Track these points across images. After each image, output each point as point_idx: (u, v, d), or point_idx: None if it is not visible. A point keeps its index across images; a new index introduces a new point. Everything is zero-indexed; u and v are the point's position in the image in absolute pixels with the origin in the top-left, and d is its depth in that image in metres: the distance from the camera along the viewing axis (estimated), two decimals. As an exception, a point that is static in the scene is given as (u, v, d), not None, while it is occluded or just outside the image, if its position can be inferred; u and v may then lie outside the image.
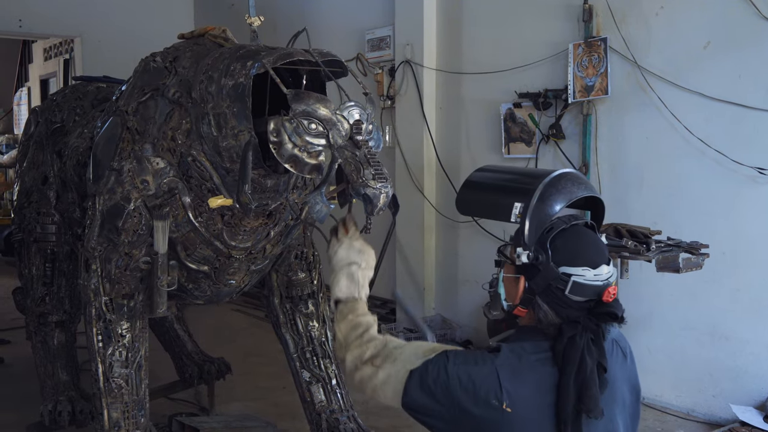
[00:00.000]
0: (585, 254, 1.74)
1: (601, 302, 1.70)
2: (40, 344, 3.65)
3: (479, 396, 1.64)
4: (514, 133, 4.99)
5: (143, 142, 2.64)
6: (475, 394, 1.65)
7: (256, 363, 5.05)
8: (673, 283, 4.10)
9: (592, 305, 1.71)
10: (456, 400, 1.66)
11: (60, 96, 3.73)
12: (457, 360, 1.70)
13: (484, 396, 1.64)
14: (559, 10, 4.67)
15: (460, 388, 1.66)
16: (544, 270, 1.73)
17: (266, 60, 2.31)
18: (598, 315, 1.69)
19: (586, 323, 1.68)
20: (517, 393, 1.64)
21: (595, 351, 1.66)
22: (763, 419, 3.74)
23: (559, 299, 1.71)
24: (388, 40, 5.84)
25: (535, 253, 1.74)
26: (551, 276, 1.72)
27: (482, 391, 1.64)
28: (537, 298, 1.74)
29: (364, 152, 2.19)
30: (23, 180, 3.68)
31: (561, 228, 1.76)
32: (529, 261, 1.75)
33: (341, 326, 1.95)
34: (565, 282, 1.70)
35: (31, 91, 11.65)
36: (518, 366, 1.67)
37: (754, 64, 3.85)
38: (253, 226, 2.68)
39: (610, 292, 1.71)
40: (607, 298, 1.70)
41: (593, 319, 1.69)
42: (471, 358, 1.70)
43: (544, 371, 1.67)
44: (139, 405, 2.74)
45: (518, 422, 1.64)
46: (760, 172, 3.82)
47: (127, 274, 2.69)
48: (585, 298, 1.71)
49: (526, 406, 1.65)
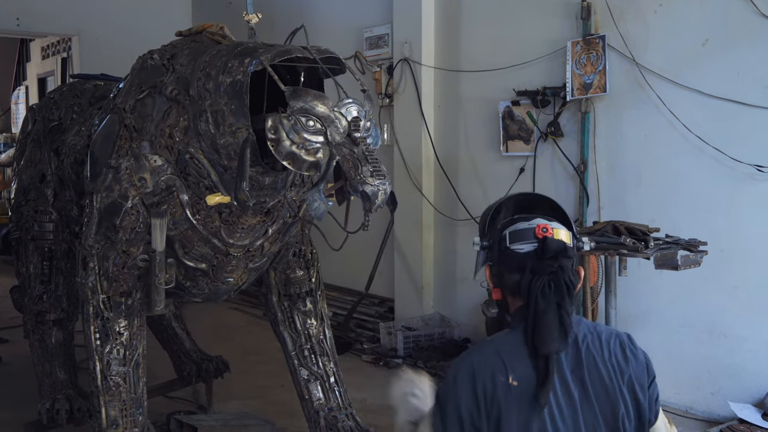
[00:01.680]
0: (510, 208, 1.88)
1: (544, 246, 1.75)
2: (37, 342, 3.65)
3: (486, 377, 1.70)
4: (513, 130, 4.99)
5: (141, 140, 2.64)
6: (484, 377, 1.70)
7: (255, 361, 5.05)
8: (672, 281, 4.10)
9: (539, 253, 1.75)
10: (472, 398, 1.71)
11: (57, 94, 3.72)
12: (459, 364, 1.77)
13: (491, 375, 1.70)
14: (558, 8, 4.67)
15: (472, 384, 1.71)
16: (491, 242, 1.84)
17: (264, 57, 2.31)
18: (545, 259, 1.74)
19: (536, 269, 1.73)
20: (519, 368, 1.70)
21: (551, 293, 1.71)
22: (761, 416, 3.74)
23: (508, 257, 1.78)
24: (387, 38, 5.83)
25: (484, 238, 1.87)
26: (496, 239, 1.82)
27: (489, 371, 1.70)
28: (502, 272, 1.81)
29: (362, 149, 2.18)
30: (21, 178, 3.67)
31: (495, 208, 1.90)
32: (485, 244, 1.86)
33: None
34: (505, 237, 1.79)
35: (29, 90, 11.64)
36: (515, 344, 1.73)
37: (752, 61, 3.85)
38: (251, 223, 2.68)
39: (541, 227, 1.77)
40: (540, 234, 1.76)
41: (544, 264, 1.73)
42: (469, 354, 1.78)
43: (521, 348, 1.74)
44: (136, 403, 2.74)
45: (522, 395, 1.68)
46: (759, 169, 3.82)
47: (124, 272, 2.69)
48: (526, 243, 1.77)
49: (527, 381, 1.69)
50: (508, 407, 1.68)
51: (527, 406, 1.68)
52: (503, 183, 5.03)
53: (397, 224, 5.51)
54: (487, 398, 1.70)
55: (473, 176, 5.32)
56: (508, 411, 1.68)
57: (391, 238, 5.58)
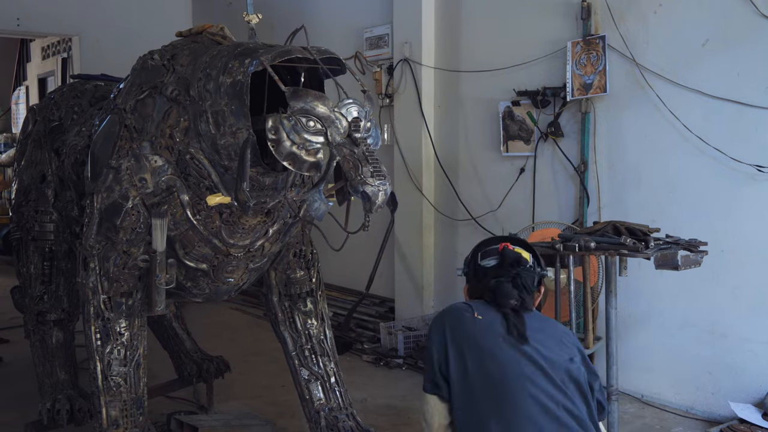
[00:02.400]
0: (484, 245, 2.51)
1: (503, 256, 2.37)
2: (38, 343, 3.65)
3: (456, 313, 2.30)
4: (513, 131, 4.99)
5: (141, 140, 2.64)
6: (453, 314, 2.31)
7: (255, 361, 5.05)
8: (672, 281, 4.11)
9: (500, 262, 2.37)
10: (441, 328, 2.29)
11: (58, 94, 3.72)
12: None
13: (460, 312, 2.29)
14: (558, 8, 4.67)
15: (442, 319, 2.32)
16: (469, 265, 2.47)
17: (264, 57, 2.31)
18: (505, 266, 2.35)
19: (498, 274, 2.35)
20: (481, 309, 2.28)
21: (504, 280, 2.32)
22: (761, 416, 3.74)
23: (479, 271, 2.41)
24: (387, 38, 5.84)
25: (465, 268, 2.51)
26: (471, 262, 2.46)
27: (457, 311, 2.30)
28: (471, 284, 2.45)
29: (363, 150, 2.18)
30: (21, 178, 3.67)
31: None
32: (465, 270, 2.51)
33: None
34: (476, 256, 2.43)
35: (29, 90, 11.63)
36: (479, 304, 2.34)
37: (752, 61, 3.85)
38: (251, 224, 2.68)
39: (503, 245, 2.40)
40: (500, 248, 2.39)
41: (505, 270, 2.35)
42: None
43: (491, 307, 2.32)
44: (137, 403, 2.74)
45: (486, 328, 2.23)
46: (759, 169, 3.82)
47: (125, 272, 2.69)
48: (492, 258, 2.39)
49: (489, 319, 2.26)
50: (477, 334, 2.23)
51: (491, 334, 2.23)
52: (503, 183, 5.03)
53: (398, 224, 5.51)
54: (455, 331, 2.24)
55: (473, 176, 5.32)
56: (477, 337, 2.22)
57: (391, 238, 5.58)
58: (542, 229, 4.28)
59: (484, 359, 2.18)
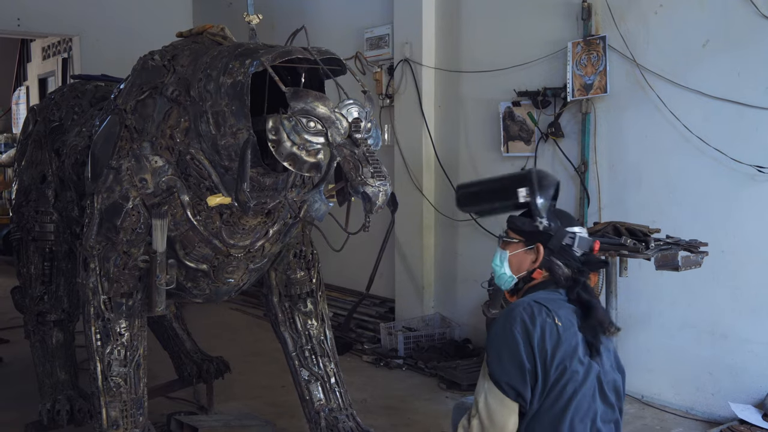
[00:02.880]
0: (573, 219, 2.35)
1: (592, 254, 2.24)
2: (38, 343, 3.65)
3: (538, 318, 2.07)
4: (513, 131, 4.99)
5: (142, 141, 2.64)
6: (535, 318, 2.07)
7: (255, 362, 5.05)
8: (672, 282, 4.10)
9: (585, 258, 2.23)
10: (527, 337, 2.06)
11: (58, 95, 3.72)
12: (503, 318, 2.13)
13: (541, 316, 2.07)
14: (558, 9, 4.67)
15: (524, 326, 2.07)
16: (557, 233, 2.22)
17: (265, 58, 2.31)
18: (592, 264, 2.24)
19: (587, 272, 2.22)
20: (560, 314, 2.11)
21: (590, 290, 2.21)
22: (762, 417, 3.74)
23: (570, 254, 2.22)
24: (387, 38, 5.83)
25: (549, 221, 2.23)
26: (563, 236, 2.22)
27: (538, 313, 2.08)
28: (552, 258, 2.22)
29: (363, 150, 2.18)
30: (22, 179, 3.67)
31: (552, 205, 2.30)
32: (548, 226, 2.23)
33: None
34: (573, 239, 2.21)
35: (30, 90, 11.63)
36: (549, 298, 2.16)
37: (753, 62, 3.85)
38: (251, 224, 2.68)
39: (598, 244, 2.26)
40: (596, 249, 2.25)
41: (587, 268, 2.23)
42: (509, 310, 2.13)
43: (565, 304, 2.16)
44: (137, 404, 2.74)
45: (566, 334, 2.08)
46: (759, 170, 3.82)
47: (125, 273, 2.69)
48: (584, 250, 2.22)
49: (568, 323, 2.10)
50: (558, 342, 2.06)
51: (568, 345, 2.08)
52: (504, 183, 5.02)
53: (398, 225, 5.51)
54: (538, 342, 2.05)
55: (474, 177, 5.31)
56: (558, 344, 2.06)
57: (391, 239, 5.58)
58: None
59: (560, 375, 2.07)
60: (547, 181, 2.30)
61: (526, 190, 2.26)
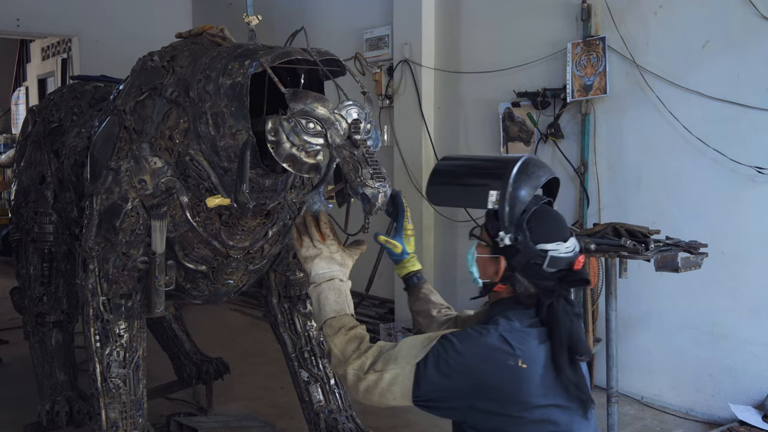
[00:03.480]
0: (557, 231, 1.95)
1: (572, 270, 1.93)
2: (37, 344, 3.64)
3: (496, 361, 1.82)
4: (513, 132, 4.98)
5: (141, 142, 2.63)
6: (492, 360, 1.82)
7: (255, 363, 5.05)
8: (672, 283, 4.10)
9: (563, 274, 1.93)
10: (474, 373, 1.82)
11: (57, 95, 3.71)
12: (462, 338, 1.86)
13: (501, 359, 1.82)
14: (558, 10, 4.67)
15: (478, 360, 1.82)
16: (523, 249, 1.91)
17: (264, 59, 2.30)
18: (569, 282, 1.94)
19: (559, 291, 1.91)
20: (525, 351, 1.84)
21: (571, 309, 1.92)
22: (761, 418, 3.74)
23: (537, 273, 1.92)
24: (387, 39, 5.83)
25: (515, 235, 1.92)
26: (531, 254, 1.91)
27: (498, 355, 1.82)
28: (516, 274, 1.94)
29: (363, 151, 2.17)
30: (21, 180, 3.66)
31: (533, 209, 1.96)
32: (511, 243, 1.92)
33: (335, 341, 1.99)
34: (543, 257, 1.90)
35: (29, 91, 11.63)
36: (519, 329, 1.88)
37: (752, 63, 3.85)
38: (251, 225, 2.67)
39: (580, 261, 1.95)
40: (578, 267, 1.94)
41: (564, 286, 1.93)
42: (474, 333, 1.87)
43: (537, 331, 1.89)
44: (136, 405, 2.73)
45: (530, 377, 1.84)
46: (759, 171, 3.82)
47: (124, 274, 2.68)
48: (559, 269, 1.92)
49: (534, 362, 1.85)
50: (521, 386, 1.83)
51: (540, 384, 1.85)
52: (503, 184, 5.02)
53: (398, 226, 5.50)
54: (493, 381, 1.82)
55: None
56: (521, 389, 1.83)
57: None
58: (542, 230, 4.27)
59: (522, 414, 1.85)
60: (528, 180, 1.97)
61: (497, 194, 1.95)
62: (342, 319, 2.02)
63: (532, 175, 1.99)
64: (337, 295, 2.05)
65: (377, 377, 1.88)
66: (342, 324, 2.01)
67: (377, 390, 1.88)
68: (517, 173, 1.96)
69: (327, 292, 2.05)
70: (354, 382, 1.92)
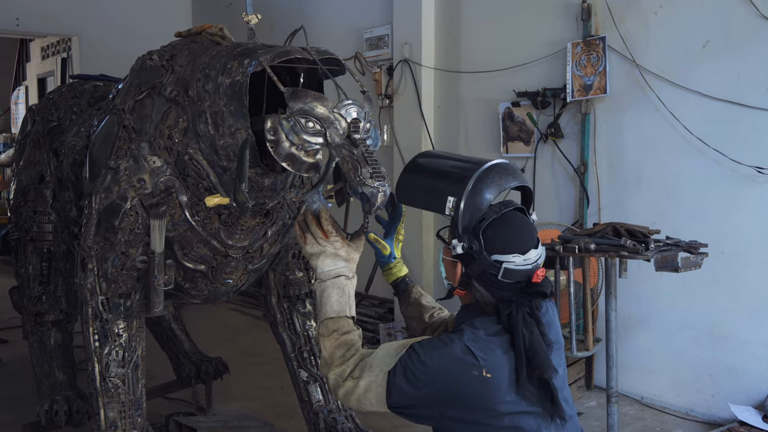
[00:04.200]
0: (514, 242, 1.90)
1: (531, 283, 1.90)
2: (36, 344, 3.64)
3: (460, 371, 1.81)
4: (513, 132, 4.98)
5: (140, 141, 2.63)
6: (457, 371, 1.82)
7: (254, 362, 5.04)
8: (672, 283, 4.10)
9: (523, 285, 1.91)
10: (440, 383, 1.81)
11: (57, 94, 3.71)
12: (428, 348, 1.85)
13: (465, 370, 1.81)
14: (558, 9, 4.66)
15: (442, 371, 1.82)
16: (478, 258, 1.90)
17: (263, 58, 2.30)
18: (529, 294, 1.90)
19: (519, 301, 1.88)
20: (490, 360, 1.82)
21: (532, 321, 1.87)
22: (761, 419, 3.74)
23: (493, 283, 1.90)
24: (387, 39, 5.83)
25: (469, 243, 1.90)
26: (485, 263, 1.89)
27: (462, 366, 1.82)
28: (473, 282, 1.94)
29: (362, 151, 2.17)
30: (20, 179, 3.66)
31: (492, 217, 1.92)
32: (464, 251, 1.91)
33: (326, 343, 2.01)
34: (498, 269, 1.88)
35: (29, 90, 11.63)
36: (483, 338, 1.86)
37: (753, 63, 3.84)
38: (250, 225, 2.67)
39: (539, 274, 1.91)
40: (536, 280, 1.90)
41: (525, 297, 1.89)
42: (440, 343, 1.86)
43: (502, 339, 1.87)
44: (135, 405, 2.73)
45: (495, 386, 1.82)
46: (759, 171, 3.81)
47: (123, 274, 2.68)
48: (516, 280, 1.89)
49: (499, 371, 1.83)
50: (486, 395, 1.82)
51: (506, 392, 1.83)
52: (503, 184, 5.01)
53: (397, 225, 5.49)
54: (459, 390, 1.81)
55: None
56: (487, 398, 1.82)
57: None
58: (542, 230, 4.27)
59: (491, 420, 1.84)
60: (487, 189, 1.93)
61: (453, 200, 1.92)
62: (339, 321, 2.02)
63: (492, 183, 1.95)
64: (339, 294, 2.05)
65: (353, 384, 1.91)
66: (337, 327, 2.01)
67: (354, 396, 1.91)
68: (477, 180, 1.94)
69: (330, 290, 2.05)
70: (334, 387, 1.96)
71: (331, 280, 2.05)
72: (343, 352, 1.97)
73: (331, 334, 2.01)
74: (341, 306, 2.04)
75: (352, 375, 1.92)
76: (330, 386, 1.98)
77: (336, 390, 1.95)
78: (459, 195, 1.92)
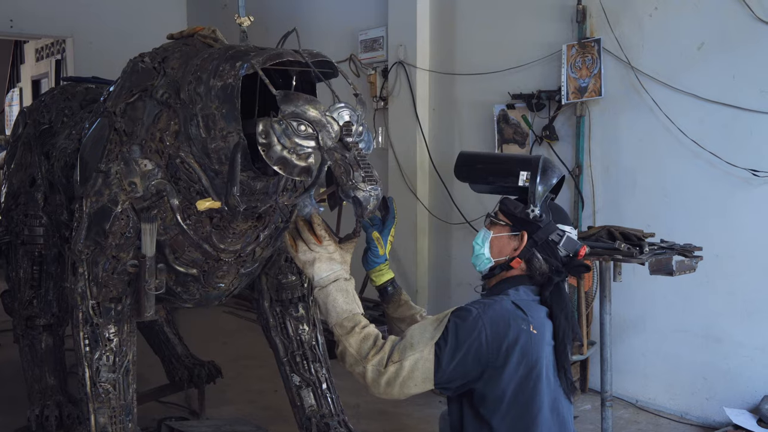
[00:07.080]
0: (568, 218, 2.27)
1: (576, 257, 2.17)
2: (27, 348, 3.61)
3: (510, 323, 1.99)
4: (508, 134, 4.97)
5: (131, 144, 2.60)
6: (507, 321, 1.99)
7: (247, 366, 5.02)
8: (667, 286, 4.09)
9: (567, 260, 2.17)
10: (491, 336, 1.96)
11: (48, 97, 3.69)
12: (477, 305, 2.02)
13: (515, 322, 2.00)
14: (553, 11, 4.66)
15: (493, 322, 1.97)
16: (545, 226, 2.16)
17: (255, 61, 2.28)
18: (573, 267, 2.16)
19: (566, 273, 2.15)
20: (536, 318, 2.05)
21: (567, 294, 2.16)
22: (756, 422, 3.73)
23: (553, 252, 2.15)
24: (381, 41, 5.82)
25: (541, 211, 2.17)
26: (551, 230, 2.16)
27: (512, 318, 2.00)
28: (534, 250, 2.15)
29: (354, 154, 2.15)
30: (11, 182, 3.64)
31: (550, 197, 2.29)
32: (540, 214, 2.16)
33: (350, 340, 2.04)
34: (560, 236, 2.16)
35: (23, 92, 11.60)
36: (527, 300, 2.10)
37: (747, 65, 3.84)
38: (242, 228, 2.65)
39: (585, 249, 2.20)
40: (582, 254, 2.18)
41: (566, 271, 2.15)
42: (489, 301, 2.05)
43: (540, 308, 2.10)
44: (126, 410, 2.71)
45: (539, 342, 2.03)
46: (754, 173, 3.81)
47: (114, 278, 2.65)
48: (568, 252, 2.16)
49: (544, 329, 2.06)
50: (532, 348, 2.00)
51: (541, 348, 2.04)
52: (498, 187, 5.01)
53: (392, 228, 5.48)
54: (509, 342, 1.98)
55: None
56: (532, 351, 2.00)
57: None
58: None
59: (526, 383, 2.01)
60: (551, 171, 2.26)
61: (527, 174, 2.23)
62: (354, 318, 2.07)
63: (554, 167, 2.31)
64: (344, 295, 2.09)
65: (397, 367, 1.95)
66: (355, 323, 2.06)
67: (398, 380, 1.95)
68: (544, 162, 2.27)
69: (335, 294, 2.09)
70: (374, 378, 1.98)
71: (332, 284, 2.10)
72: (372, 342, 2.02)
73: (350, 331, 2.04)
74: (349, 305, 2.09)
75: (392, 359, 1.97)
76: (368, 380, 2.00)
77: (377, 380, 1.98)
78: (533, 170, 2.22)
